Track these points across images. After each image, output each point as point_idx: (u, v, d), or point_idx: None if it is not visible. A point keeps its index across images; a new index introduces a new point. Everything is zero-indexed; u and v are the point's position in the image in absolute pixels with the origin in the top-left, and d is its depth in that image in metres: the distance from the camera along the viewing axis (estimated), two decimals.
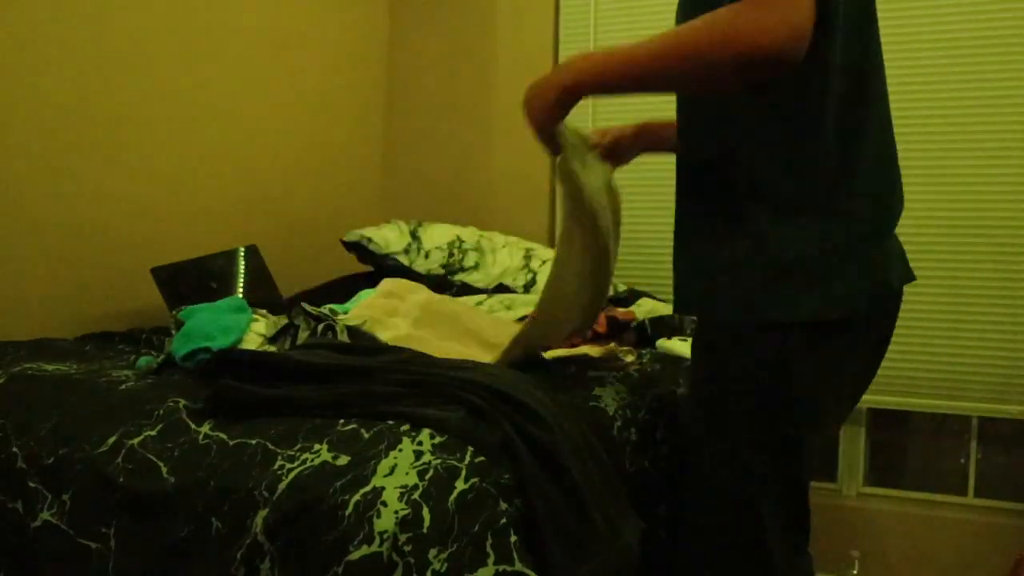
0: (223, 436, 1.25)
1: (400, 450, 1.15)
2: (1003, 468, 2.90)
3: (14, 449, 1.30)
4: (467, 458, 1.16)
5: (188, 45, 2.56)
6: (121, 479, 1.22)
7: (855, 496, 2.99)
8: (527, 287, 2.84)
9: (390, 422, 1.25)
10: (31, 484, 1.26)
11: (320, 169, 3.12)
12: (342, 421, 1.27)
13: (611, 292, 2.89)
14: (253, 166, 2.81)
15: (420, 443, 1.17)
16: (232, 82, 2.72)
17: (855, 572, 2.80)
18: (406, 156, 3.45)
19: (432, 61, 3.40)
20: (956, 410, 2.80)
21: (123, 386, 1.49)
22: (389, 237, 2.83)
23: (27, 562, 1.25)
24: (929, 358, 2.79)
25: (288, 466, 1.16)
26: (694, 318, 2.70)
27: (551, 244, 3.21)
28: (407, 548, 1.04)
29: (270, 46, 2.86)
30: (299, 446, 1.20)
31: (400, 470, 1.12)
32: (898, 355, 2.82)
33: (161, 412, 1.33)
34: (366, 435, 1.21)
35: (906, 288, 2.73)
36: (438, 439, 1.19)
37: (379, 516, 1.06)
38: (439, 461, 1.14)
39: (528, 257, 2.91)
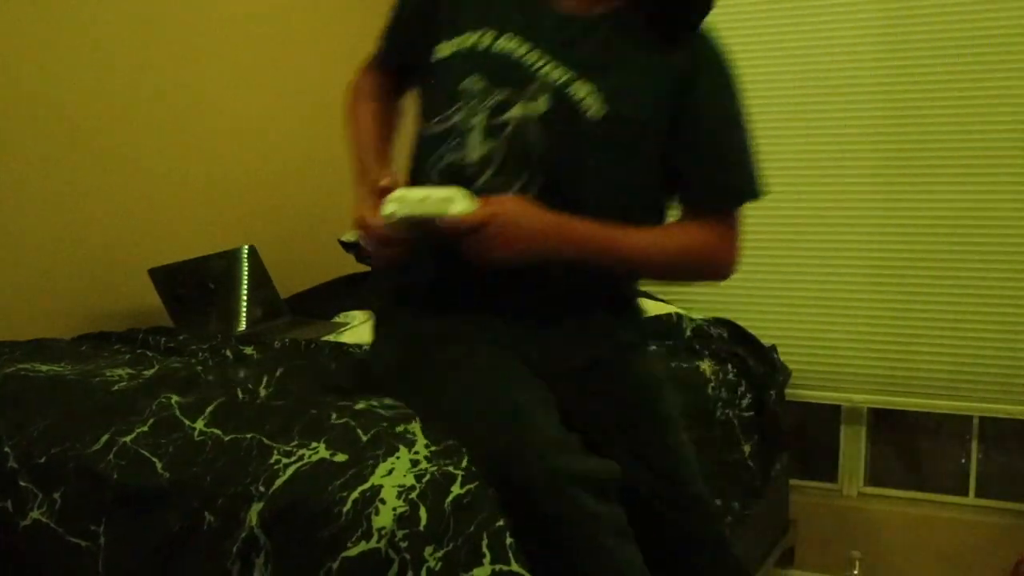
0: (217, 432, 1.24)
1: (397, 457, 1.15)
2: (1004, 468, 2.89)
3: (6, 449, 1.30)
4: (463, 464, 1.16)
5: (187, 44, 2.55)
6: (115, 475, 1.21)
7: (855, 496, 2.99)
8: None
9: (383, 424, 1.24)
10: (22, 483, 1.26)
11: (319, 169, 3.10)
12: (334, 415, 1.26)
13: None
14: (252, 166, 2.80)
15: (416, 452, 1.17)
16: (231, 81, 2.71)
17: (855, 572, 2.79)
18: (406, 156, 3.44)
19: None
20: (957, 410, 2.80)
21: (116, 386, 1.48)
22: None
23: (17, 562, 1.24)
24: (930, 358, 2.78)
25: (285, 461, 1.16)
26: (692, 318, 2.72)
27: None
28: (403, 544, 1.05)
29: (269, 44, 2.85)
30: (296, 442, 1.20)
31: (398, 472, 1.12)
32: (898, 355, 2.82)
33: (154, 408, 1.32)
34: (364, 437, 1.20)
35: (907, 288, 2.75)
36: (434, 447, 1.18)
37: (377, 513, 1.06)
38: (435, 468, 1.14)
39: None
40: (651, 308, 2.73)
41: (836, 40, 2.85)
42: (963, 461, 2.91)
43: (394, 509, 1.07)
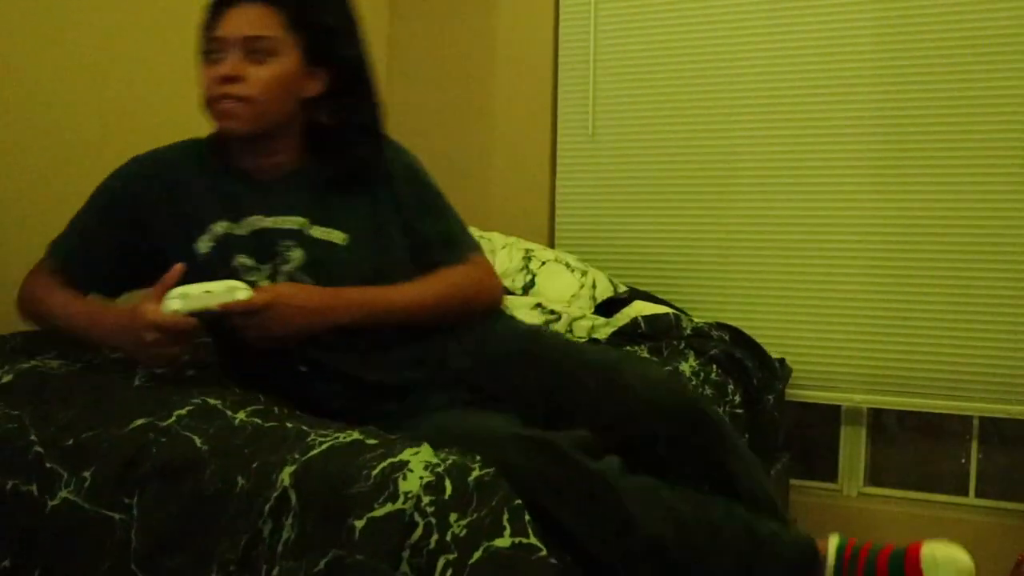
0: (258, 420, 1.28)
1: (421, 447, 1.21)
2: (1004, 468, 2.90)
3: (32, 437, 1.30)
4: (478, 459, 1.22)
5: (186, 46, 2.55)
6: (154, 450, 1.23)
7: (855, 496, 2.99)
8: (525, 289, 2.83)
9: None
10: (48, 465, 1.25)
11: None
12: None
13: (612, 292, 2.88)
14: None
15: (437, 452, 1.22)
16: None
17: None
18: None
19: (432, 61, 3.39)
20: (957, 410, 2.80)
21: (136, 382, 1.50)
22: None
23: (42, 545, 1.24)
24: (930, 358, 2.79)
25: (321, 440, 1.20)
26: (693, 320, 2.73)
27: (551, 244, 3.21)
28: (430, 509, 1.09)
29: None
30: (333, 429, 1.25)
31: (423, 454, 1.18)
32: (899, 354, 2.82)
33: (195, 400, 1.35)
34: (392, 436, 1.27)
35: (907, 288, 2.76)
36: (448, 450, 1.24)
37: (405, 478, 1.11)
38: (455, 457, 1.20)
39: (528, 258, 2.90)
40: (645, 309, 2.74)
41: (834, 42, 2.86)
42: (963, 461, 2.92)
43: (421, 477, 1.12)
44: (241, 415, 1.29)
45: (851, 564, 1.52)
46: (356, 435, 1.21)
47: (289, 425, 1.25)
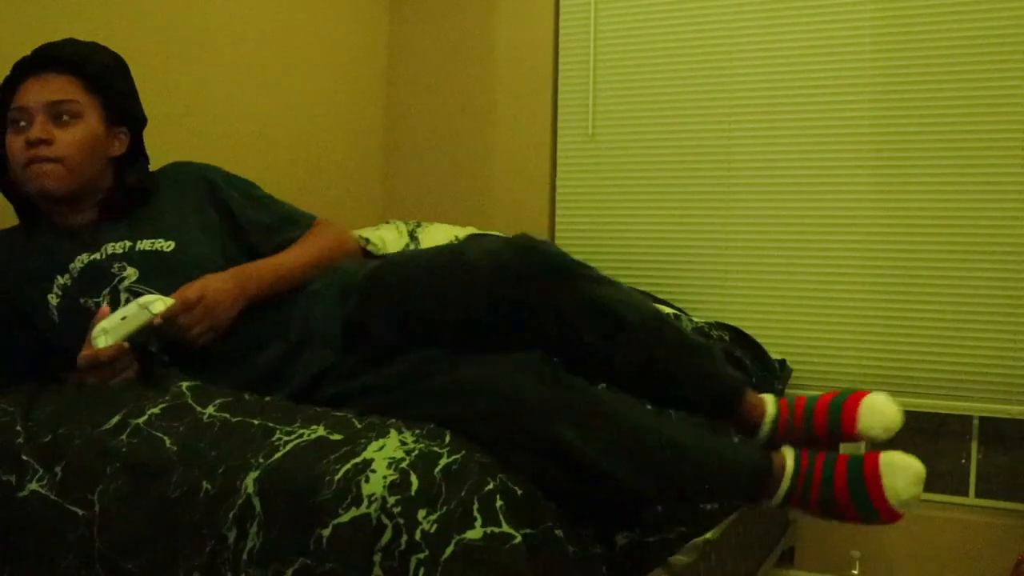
0: (226, 415, 1.29)
1: (388, 437, 1.21)
2: (1004, 468, 2.89)
3: (18, 428, 1.33)
4: (448, 441, 1.22)
5: (186, 46, 2.57)
6: (124, 450, 1.24)
7: None
8: None
9: (376, 419, 1.30)
10: (24, 457, 1.28)
11: (320, 169, 3.12)
12: (333, 411, 1.35)
13: None
14: (252, 166, 2.82)
15: (405, 437, 1.22)
16: (230, 83, 2.73)
17: (855, 572, 2.79)
18: (406, 156, 3.46)
19: (432, 61, 3.41)
20: (957, 410, 2.79)
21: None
22: (387, 238, 2.83)
23: (13, 533, 1.26)
24: (930, 358, 2.79)
25: (285, 439, 1.20)
26: (693, 320, 2.73)
27: None
28: (396, 510, 1.08)
29: (269, 46, 2.87)
30: (297, 424, 1.25)
31: (388, 448, 1.17)
32: (899, 355, 2.82)
33: (166, 396, 1.36)
34: (359, 424, 1.27)
35: (907, 287, 2.76)
36: (419, 431, 1.24)
37: (367, 480, 1.10)
38: (423, 445, 1.19)
39: None
40: None
41: (834, 42, 2.86)
42: (963, 461, 2.91)
43: (384, 477, 1.10)
44: (211, 409, 1.30)
45: (808, 472, 1.50)
46: (320, 431, 1.21)
47: (255, 422, 1.25)
